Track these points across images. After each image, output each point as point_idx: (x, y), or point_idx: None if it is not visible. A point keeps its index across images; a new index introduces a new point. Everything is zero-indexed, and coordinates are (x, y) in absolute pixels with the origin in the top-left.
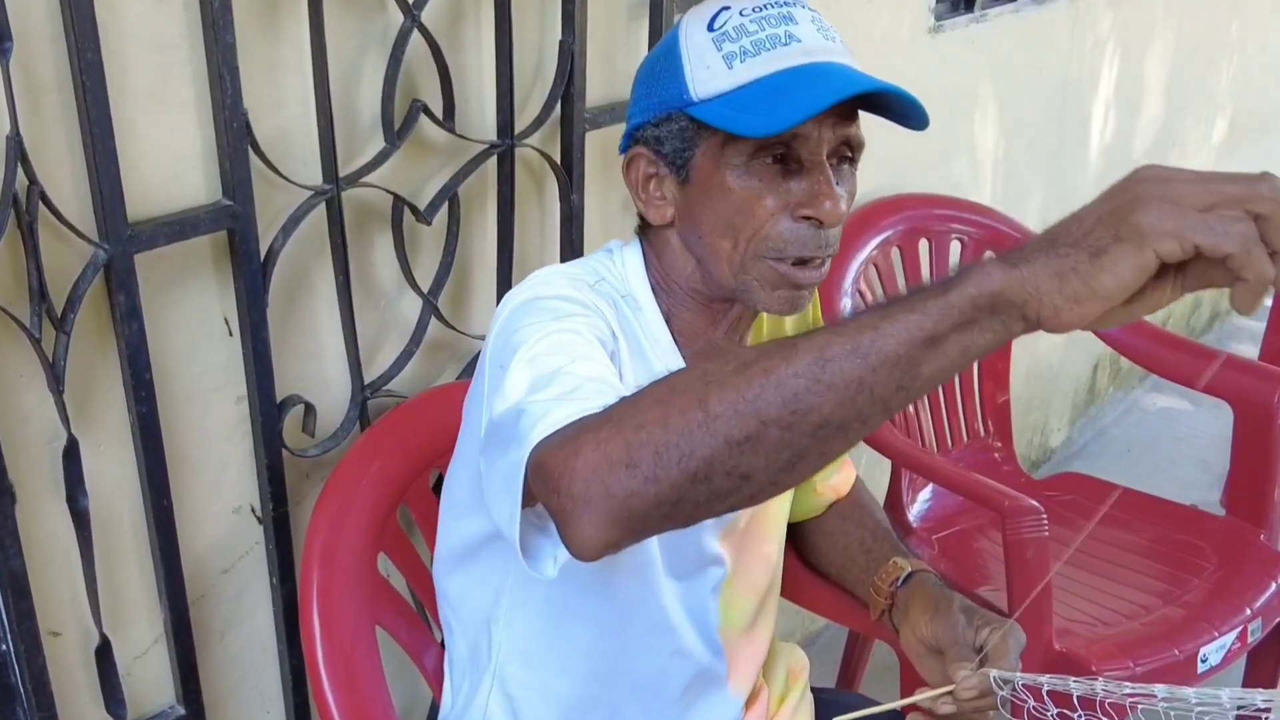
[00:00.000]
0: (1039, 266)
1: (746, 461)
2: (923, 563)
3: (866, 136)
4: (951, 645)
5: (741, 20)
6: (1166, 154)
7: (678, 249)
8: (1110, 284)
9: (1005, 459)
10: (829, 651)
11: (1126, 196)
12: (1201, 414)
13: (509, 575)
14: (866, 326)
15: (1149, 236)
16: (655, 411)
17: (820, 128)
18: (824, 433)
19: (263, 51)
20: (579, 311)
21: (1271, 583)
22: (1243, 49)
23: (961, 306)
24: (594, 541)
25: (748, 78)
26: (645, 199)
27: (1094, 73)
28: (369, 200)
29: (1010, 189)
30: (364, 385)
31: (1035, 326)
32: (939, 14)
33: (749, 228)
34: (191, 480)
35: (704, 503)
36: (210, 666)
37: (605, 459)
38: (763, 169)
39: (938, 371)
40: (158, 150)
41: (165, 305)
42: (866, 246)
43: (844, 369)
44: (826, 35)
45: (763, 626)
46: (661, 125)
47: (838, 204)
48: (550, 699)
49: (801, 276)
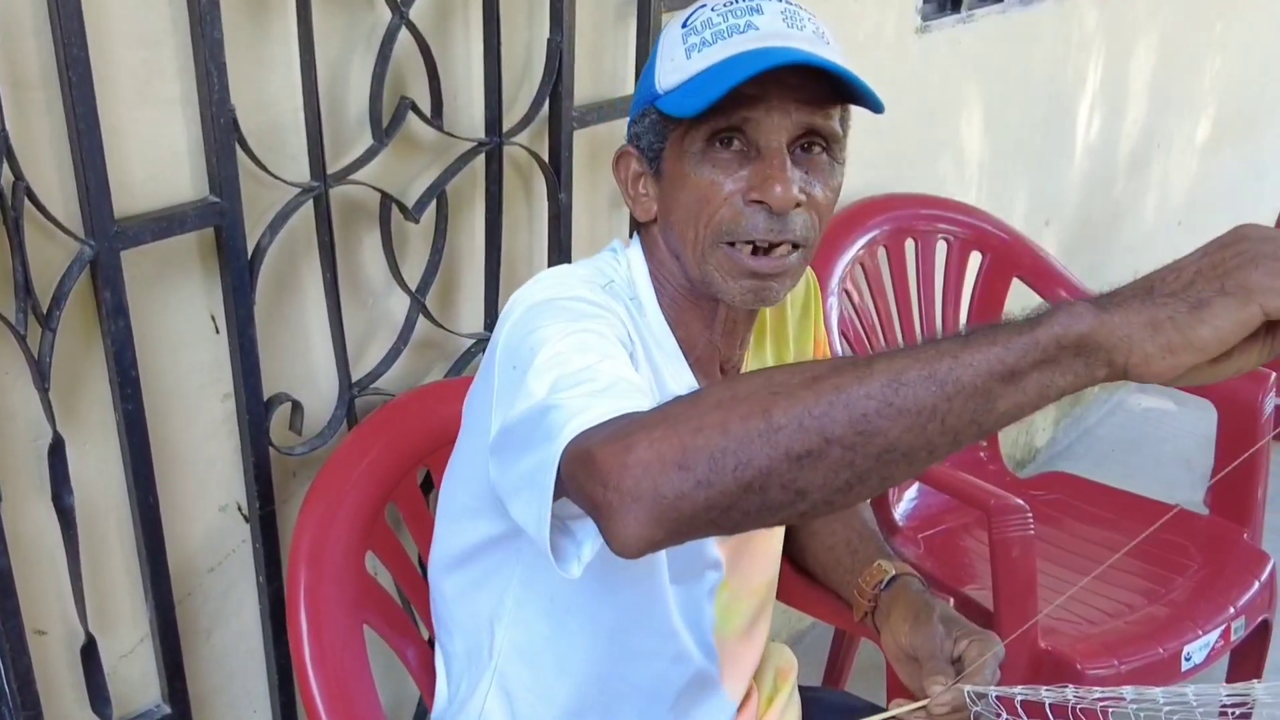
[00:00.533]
0: (1133, 314)
1: (805, 478)
2: (907, 566)
3: (855, 136)
4: (929, 657)
5: (710, 15)
6: (1151, 154)
7: (662, 245)
8: (1209, 336)
9: (991, 458)
10: (815, 650)
11: (1232, 252)
12: (1185, 414)
13: (513, 577)
14: (946, 354)
15: (1256, 292)
16: (715, 415)
17: (774, 113)
18: (889, 458)
19: (250, 48)
20: (598, 313)
21: (1254, 582)
22: (1226, 50)
23: (1046, 344)
24: (637, 540)
25: (701, 66)
26: (633, 196)
27: (1079, 73)
28: (357, 198)
29: (996, 189)
30: (351, 383)
31: (1121, 373)
32: (926, 14)
33: (705, 214)
34: (178, 478)
35: (755, 513)
36: (196, 665)
37: (659, 458)
38: (718, 156)
39: (1013, 408)
40: (144, 146)
41: (151, 302)
42: (853, 246)
43: (918, 394)
44: (792, 24)
45: (760, 630)
46: (640, 122)
47: (789, 189)
48: (548, 700)
49: (756, 264)
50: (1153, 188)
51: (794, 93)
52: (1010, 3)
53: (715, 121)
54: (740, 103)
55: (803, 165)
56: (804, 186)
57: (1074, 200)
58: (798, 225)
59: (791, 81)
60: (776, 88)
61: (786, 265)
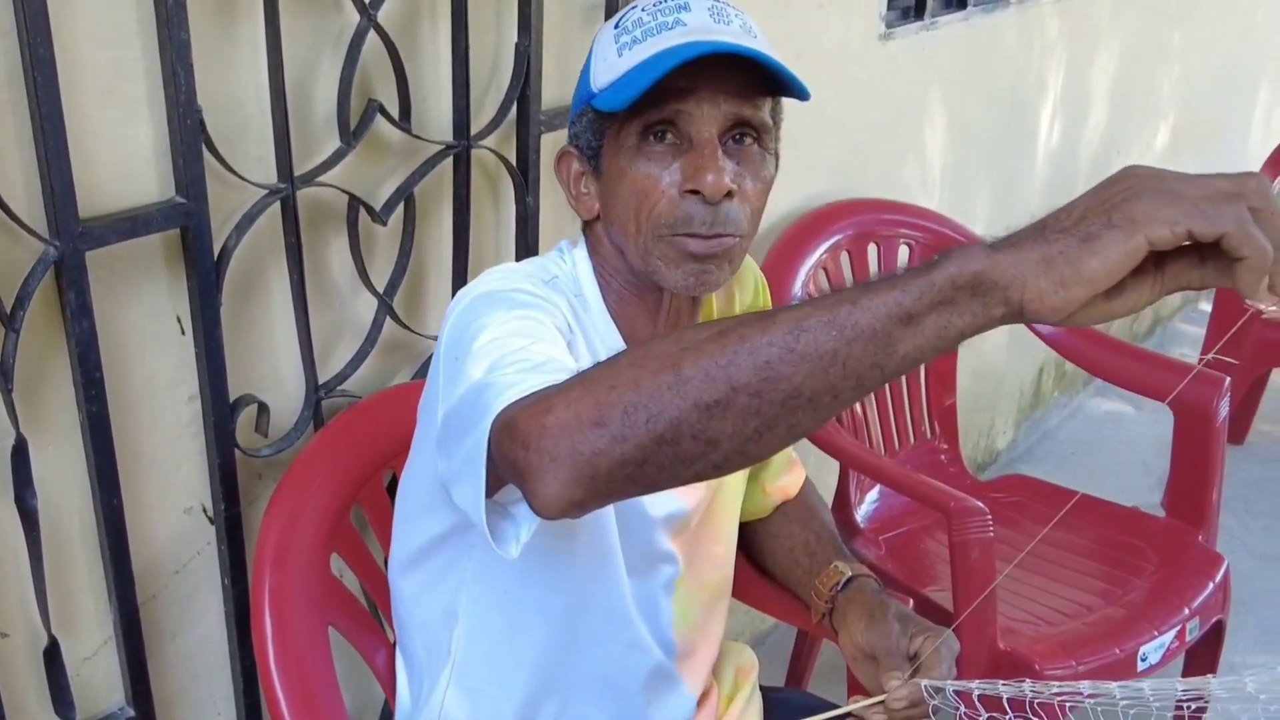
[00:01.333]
0: (1026, 251)
1: (714, 427)
2: (864, 567)
3: (819, 142)
4: (885, 654)
5: (640, 14)
6: (1111, 160)
7: (606, 242)
8: (1098, 267)
9: (951, 460)
10: (778, 651)
11: (1119, 188)
12: (1143, 418)
13: (466, 573)
14: (845, 300)
15: (1141, 222)
16: (628, 374)
17: (704, 105)
18: (794, 403)
19: (217, 49)
20: (537, 303)
21: (1209, 583)
22: (1186, 58)
23: (941, 285)
24: (558, 499)
25: (632, 63)
26: (575, 195)
27: (1041, 80)
28: (324, 200)
29: (959, 195)
30: (318, 385)
31: (1018, 312)
32: (890, 21)
33: (644, 208)
34: (142, 480)
35: (669, 465)
36: (161, 668)
37: (575, 417)
38: (653, 150)
39: (914, 351)
40: (110, 147)
41: (117, 303)
42: (816, 250)
43: (819, 340)
44: (719, 19)
45: (715, 624)
46: (578, 122)
47: (720, 177)
48: (507, 692)
49: (697, 246)
50: None
51: (722, 84)
52: (973, 10)
53: (648, 115)
54: (670, 96)
55: (734, 156)
56: (735, 177)
57: (1035, 206)
58: (731, 215)
59: (720, 74)
60: (705, 80)
61: (724, 245)
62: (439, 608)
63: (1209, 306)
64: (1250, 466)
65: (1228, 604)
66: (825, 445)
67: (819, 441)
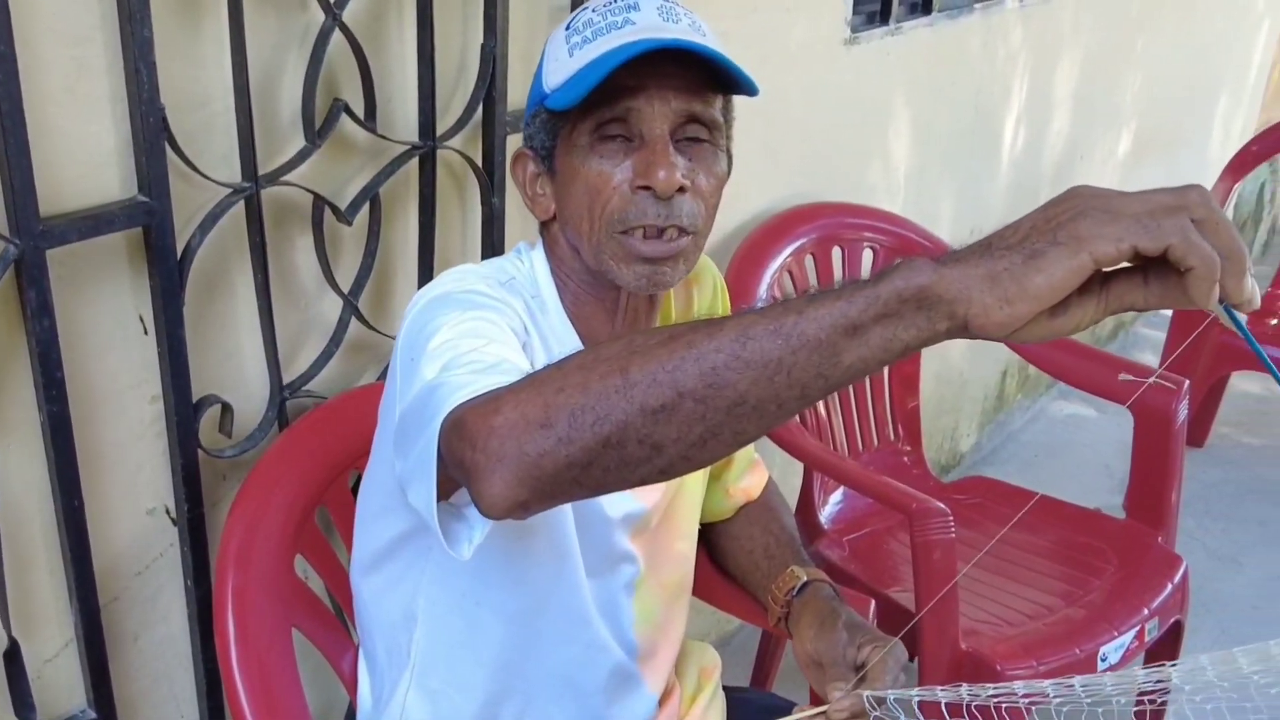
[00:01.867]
0: (972, 266)
1: (659, 431)
2: (820, 572)
3: (784, 145)
4: (831, 663)
5: (591, 15)
6: (1074, 166)
7: (562, 242)
8: (1043, 284)
9: (914, 462)
10: (743, 651)
11: (1064, 207)
12: (1105, 421)
13: (424, 574)
14: (792, 310)
15: (1086, 240)
16: (577, 376)
17: (654, 101)
18: (739, 411)
19: (181, 46)
20: (493, 304)
21: (1168, 584)
22: (1148, 65)
23: (887, 298)
24: (503, 499)
25: (582, 62)
26: (531, 197)
27: (1005, 86)
28: (289, 199)
29: (922, 199)
30: (283, 385)
31: (962, 326)
32: (855, 26)
33: (597, 206)
34: (104, 481)
35: (614, 469)
36: (123, 670)
37: (523, 418)
38: (605, 148)
39: (858, 362)
40: (72, 145)
41: (78, 302)
42: (781, 253)
43: (764, 348)
44: (667, 18)
45: (675, 624)
46: (532, 124)
47: (672, 173)
48: (468, 692)
49: (647, 249)
50: None
51: (672, 81)
52: (938, 16)
53: (599, 114)
54: (621, 94)
55: (686, 153)
56: (687, 173)
57: (999, 211)
58: (684, 210)
59: (669, 71)
60: (655, 77)
61: (677, 248)
62: (399, 609)
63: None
64: (1209, 469)
65: (1186, 604)
66: (790, 447)
67: (784, 443)
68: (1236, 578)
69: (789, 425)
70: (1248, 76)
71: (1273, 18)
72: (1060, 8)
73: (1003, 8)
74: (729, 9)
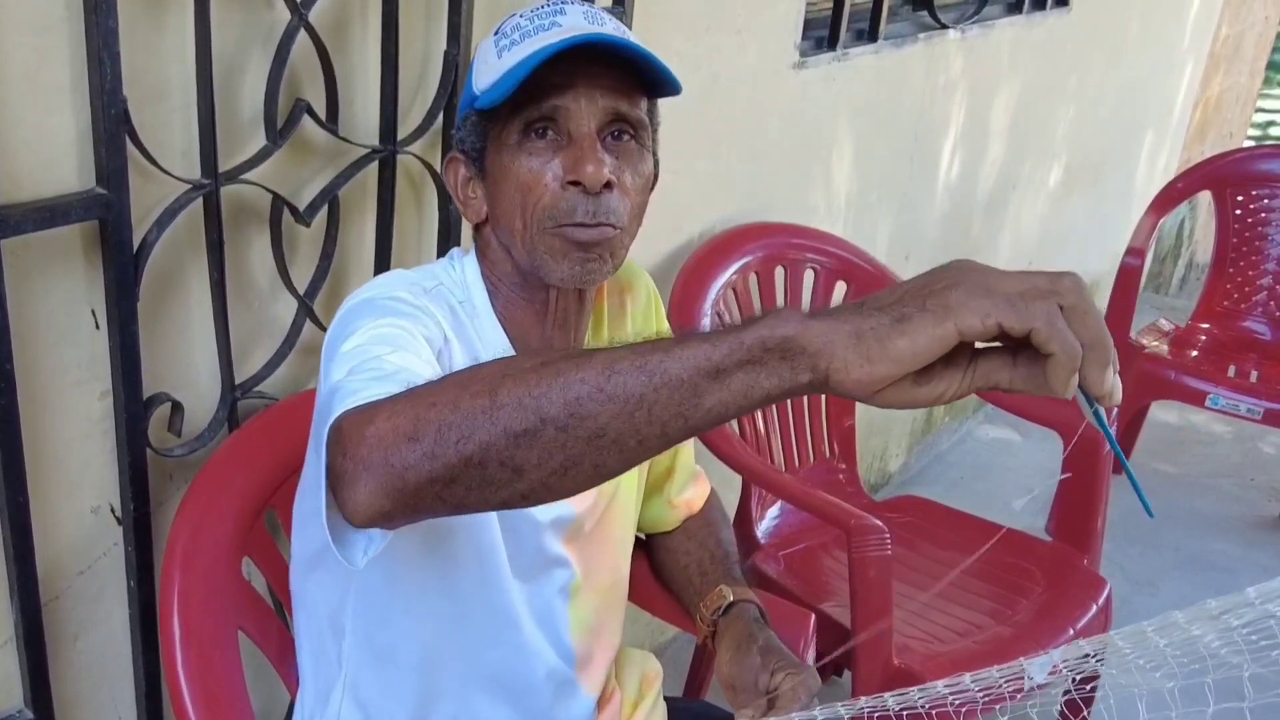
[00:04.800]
0: (839, 323)
1: (521, 455)
2: (748, 591)
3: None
4: (742, 689)
5: (519, 20)
6: (1007, 195)
7: (495, 244)
8: (905, 348)
9: (849, 480)
10: (677, 662)
11: (943, 275)
12: (1029, 446)
13: (352, 581)
14: (660, 348)
15: (954, 310)
16: (450, 393)
17: (581, 99)
18: (600, 443)
19: (145, 39)
20: (410, 311)
21: (1093, 604)
22: (1080, 101)
23: (751, 345)
24: (366, 508)
25: (510, 64)
26: (463, 200)
27: (944, 115)
28: (248, 198)
29: (862, 221)
30: (234, 385)
31: (824, 381)
32: (804, 50)
33: (529, 203)
34: (49, 477)
35: (476, 488)
36: (62, 670)
37: (394, 430)
38: (534, 146)
39: (719, 405)
40: (30, 134)
41: (30, 295)
42: (726, 271)
43: (627, 383)
44: (593, 22)
45: (609, 629)
46: (463, 127)
47: (600, 168)
48: (399, 699)
49: (581, 234)
50: (1007, 228)
51: (599, 80)
52: (883, 44)
53: (528, 112)
54: (548, 92)
55: (613, 151)
56: (614, 170)
57: (933, 236)
58: (612, 207)
59: (596, 70)
60: (583, 76)
61: (606, 235)
62: (327, 619)
63: None
64: (1128, 496)
65: (1109, 625)
66: (729, 460)
67: (723, 456)
68: (1152, 601)
69: (728, 438)
70: (1171, 115)
71: (1196, 58)
72: (999, 41)
73: (944, 38)
74: (681, 29)
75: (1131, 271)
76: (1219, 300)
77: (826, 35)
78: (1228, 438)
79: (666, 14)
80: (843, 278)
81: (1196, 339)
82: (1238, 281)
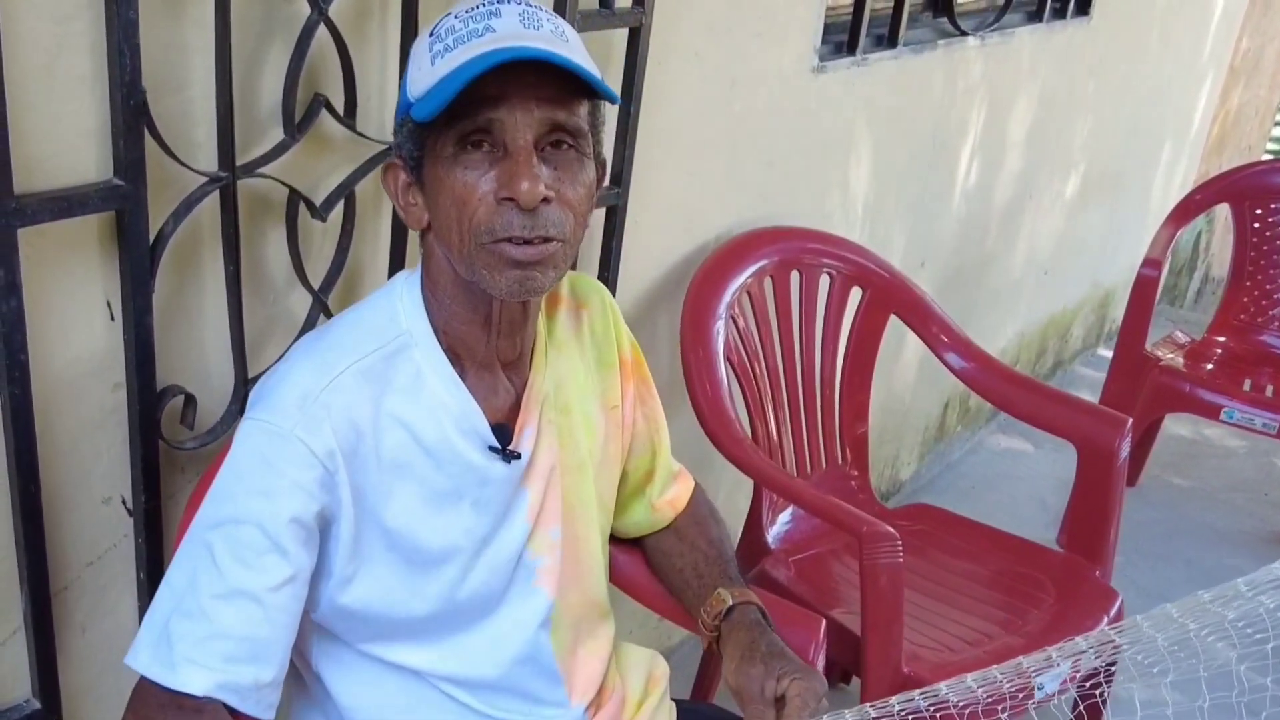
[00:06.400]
0: None
1: None
2: (748, 592)
3: (749, 168)
4: (750, 700)
5: (454, 21)
6: (1024, 204)
7: (438, 253)
8: None
9: (861, 487)
10: (685, 665)
11: None
12: (1042, 456)
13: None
14: None
15: None
16: None
17: (516, 111)
18: None
19: (165, 31)
20: (282, 489)
21: (1104, 616)
22: (1098, 110)
23: None
24: None
25: (443, 72)
26: (404, 207)
27: (963, 123)
28: (264, 191)
29: (878, 228)
30: (247, 379)
31: None
32: (823, 55)
33: (465, 217)
34: (61, 467)
35: None
36: (70, 661)
37: None
38: (469, 158)
39: None
40: (49, 123)
41: (46, 284)
42: (742, 274)
43: None
44: (529, 24)
45: (586, 649)
46: (400, 132)
47: (535, 184)
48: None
49: (518, 253)
50: (1023, 236)
51: (535, 90)
52: (903, 50)
53: (462, 125)
54: (483, 104)
55: (552, 163)
56: (552, 183)
57: (949, 244)
58: (551, 220)
59: (531, 80)
60: (517, 87)
61: (546, 252)
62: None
63: (1108, 352)
64: (1142, 508)
65: None
66: (741, 464)
67: (736, 461)
68: None
69: (740, 442)
70: (1190, 127)
71: (1216, 70)
72: (1019, 49)
73: (964, 44)
74: (700, 30)
75: (1148, 282)
76: (1235, 313)
77: (846, 40)
78: (1242, 452)
79: (686, 15)
80: (858, 284)
81: (1212, 352)
82: (1255, 295)
